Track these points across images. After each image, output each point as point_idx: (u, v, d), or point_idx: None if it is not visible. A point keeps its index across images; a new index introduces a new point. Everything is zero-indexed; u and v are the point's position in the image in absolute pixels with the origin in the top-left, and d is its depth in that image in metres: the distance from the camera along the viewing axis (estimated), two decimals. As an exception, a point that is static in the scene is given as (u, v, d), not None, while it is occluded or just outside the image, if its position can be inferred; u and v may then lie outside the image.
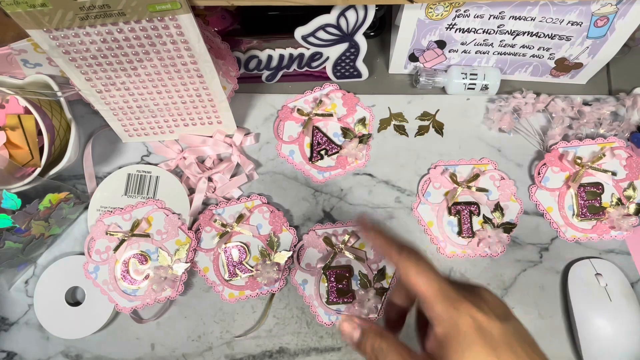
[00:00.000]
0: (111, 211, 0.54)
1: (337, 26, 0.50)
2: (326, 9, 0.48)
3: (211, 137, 0.57)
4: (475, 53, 0.56)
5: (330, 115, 0.57)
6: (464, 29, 0.52)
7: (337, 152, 0.57)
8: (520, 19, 0.50)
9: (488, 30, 0.52)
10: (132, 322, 0.53)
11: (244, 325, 0.53)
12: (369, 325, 0.30)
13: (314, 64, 0.57)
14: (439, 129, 0.58)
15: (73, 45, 0.42)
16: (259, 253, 0.54)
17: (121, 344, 0.53)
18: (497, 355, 0.25)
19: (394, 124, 0.59)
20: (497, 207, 0.55)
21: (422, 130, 0.58)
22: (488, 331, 0.26)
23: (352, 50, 0.54)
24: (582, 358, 0.50)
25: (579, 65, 0.57)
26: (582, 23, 0.50)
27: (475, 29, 0.52)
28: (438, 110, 0.59)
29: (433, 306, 0.27)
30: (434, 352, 0.27)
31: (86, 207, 0.55)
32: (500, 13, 0.50)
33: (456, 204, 0.55)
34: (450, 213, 0.55)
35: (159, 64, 0.46)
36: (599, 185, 0.55)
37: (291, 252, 0.54)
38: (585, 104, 0.58)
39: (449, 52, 0.56)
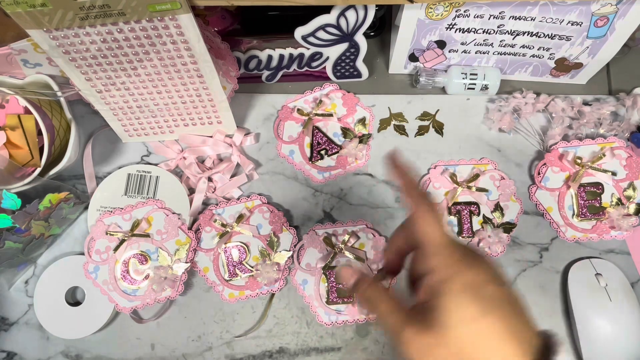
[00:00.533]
0: (111, 211, 0.54)
1: (337, 26, 0.50)
2: (326, 9, 0.48)
3: (211, 137, 0.57)
4: (475, 53, 0.56)
5: (330, 115, 0.57)
6: (464, 29, 0.52)
7: (337, 152, 0.57)
8: (520, 19, 0.50)
9: (488, 30, 0.52)
10: (132, 322, 0.53)
11: (244, 325, 0.53)
12: (363, 276, 0.31)
13: (314, 64, 0.57)
14: (439, 129, 0.58)
15: (73, 45, 0.42)
16: (259, 253, 0.54)
17: (121, 344, 0.53)
18: (484, 312, 0.25)
19: (394, 124, 0.59)
20: (497, 207, 0.55)
21: (422, 130, 0.58)
22: (479, 290, 0.26)
23: (352, 50, 0.54)
24: (582, 358, 0.50)
25: (579, 65, 0.57)
26: (582, 23, 0.50)
27: (475, 29, 0.52)
28: (438, 110, 0.59)
29: (433, 257, 0.28)
30: (424, 301, 0.27)
31: (86, 207, 0.55)
32: (500, 13, 0.50)
33: (456, 204, 0.55)
34: (450, 213, 0.55)
35: (159, 64, 0.46)
36: (599, 185, 0.55)
37: (291, 252, 0.54)
38: (585, 104, 0.58)
39: (449, 52, 0.56)
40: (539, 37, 0.52)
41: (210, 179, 0.56)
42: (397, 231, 0.33)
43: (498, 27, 0.52)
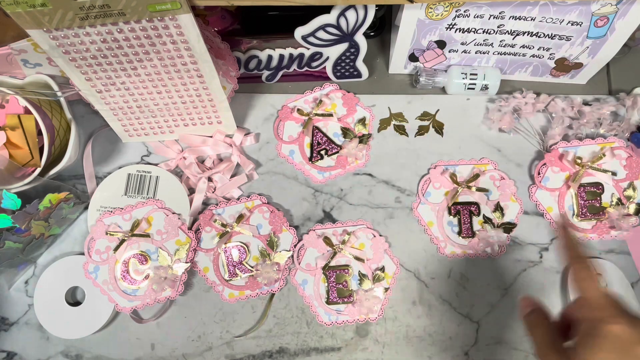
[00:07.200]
0: (111, 211, 0.54)
1: (337, 26, 0.50)
2: (326, 9, 0.48)
3: (211, 137, 0.57)
4: (475, 53, 0.56)
5: (330, 115, 0.57)
6: (464, 29, 0.52)
7: (337, 152, 0.57)
8: (520, 19, 0.50)
9: (488, 30, 0.52)
10: (132, 322, 0.53)
11: (244, 325, 0.53)
12: (535, 306, 0.37)
13: (314, 64, 0.57)
14: (439, 129, 0.58)
15: (73, 45, 0.42)
16: (259, 253, 0.54)
17: (121, 344, 0.53)
18: None
19: (394, 124, 0.59)
20: (497, 207, 0.55)
21: (422, 130, 0.58)
22: (623, 343, 0.29)
23: (352, 50, 0.54)
24: (582, 358, 0.50)
25: (579, 65, 0.57)
26: (582, 23, 0.50)
27: (475, 29, 0.52)
28: (438, 110, 0.59)
29: (591, 311, 0.32)
30: (575, 348, 0.32)
31: (86, 207, 0.55)
32: (500, 13, 0.50)
33: (456, 204, 0.55)
34: (450, 213, 0.55)
35: (159, 64, 0.46)
36: (599, 185, 0.55)
37: (291, 252, 0.54)
38: (585, 104, 0.58)
39: (449, 52, 0.56)
40: (539, 37, 0.52)
41: (210, 179, 0.56)
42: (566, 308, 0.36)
43: (498, 27, 0.52)
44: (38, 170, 0.48)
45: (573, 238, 0.37)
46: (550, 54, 0.55)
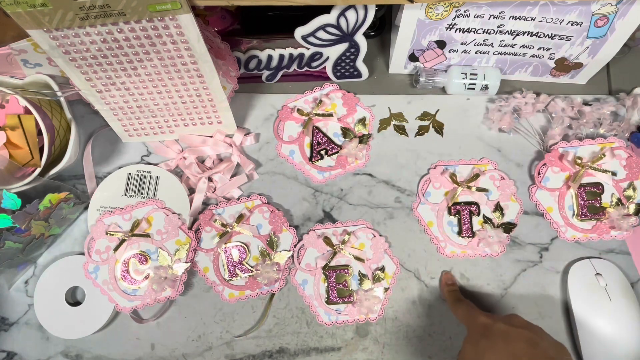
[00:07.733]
0: (111, 211, 0.54)
1: (337, 26, 0.50)
2: (326, 9, 0.48)
3: (211, 137, 0.57)
4: (475, 53, 0.56)
5: (330, 115, 0.57)
6: (464, 29, 0.52)
7: (337, 152, 0.57)
8: (520, 19, 0.50)
9: (488, 30, 0.52)
10: (132, 322, 0.53)
11: (244, 325, 0.53)
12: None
13: (314, 64, 0.57)
14: (439, 129, 0.58)
15: (73, 45, 0.42)
16: (259, 253, 0.54)
17: (121, 344, 0.53)
18: (478, 340, 0.44)
19: (394, 124, 0.59)
20: (497, 207, 0.55)
21: (422, 130, 0.58)
22: (489, 326, 0.44)
23: (352, 50, 0.54)
24: (582, 358, 0.50)
25: (579, 65, 0.57)
26: (582, 23, 0.50)
27: (475, 29, 0.52)
28: (438, 110, 0.59)
29: (467, 326, 0.47)
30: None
31: (86, 207, 0.55)
32: (500, 13, 0.50)
33: (456, 204, 0.55)
34: (450, 213, 0.55)
35: (159, 64, 0.46)
36: (599, 186, 0.55)
37: (291, 252, 0.54)
38: (585, 104, 0.58)
39: (449, 52, 0.56)
40: (539, 37, 0.52)
41: (210, 179, 0.56)
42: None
43: (498, 27, 0.52)
44: (38, 170, 0.48)
45: (452, 291, 0.52)
46: (550, 54, 0.55)
